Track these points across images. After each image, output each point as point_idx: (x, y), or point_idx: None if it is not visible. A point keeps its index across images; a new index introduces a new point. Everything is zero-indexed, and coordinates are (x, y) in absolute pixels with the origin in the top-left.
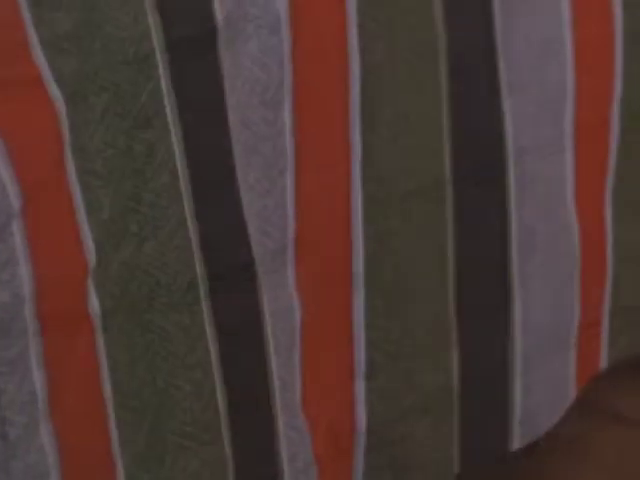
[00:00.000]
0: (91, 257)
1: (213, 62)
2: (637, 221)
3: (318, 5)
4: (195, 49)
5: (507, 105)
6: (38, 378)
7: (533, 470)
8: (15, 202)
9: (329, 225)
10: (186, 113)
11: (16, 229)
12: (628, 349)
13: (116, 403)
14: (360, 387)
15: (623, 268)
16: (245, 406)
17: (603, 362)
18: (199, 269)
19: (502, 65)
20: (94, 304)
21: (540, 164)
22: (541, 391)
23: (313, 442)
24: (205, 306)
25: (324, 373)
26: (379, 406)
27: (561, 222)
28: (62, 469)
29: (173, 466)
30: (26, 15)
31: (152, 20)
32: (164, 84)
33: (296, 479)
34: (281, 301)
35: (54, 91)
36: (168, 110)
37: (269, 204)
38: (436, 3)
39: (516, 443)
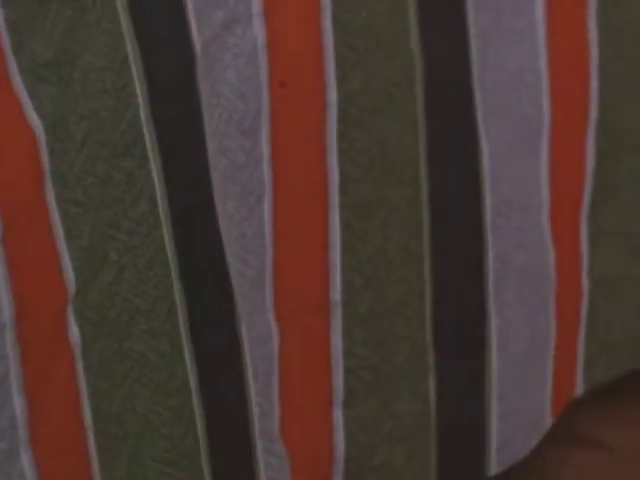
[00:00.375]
0: (71, 284)
1: (191, 91)
2: (613, 246)
3: (296, 35)
4: (173, 77)
5: (483, 134)
6: (19, 404)
7: None
8: None
9: (307, 253)
10: (165, 141)
11: None
12: (604, 375)
13: (96, 429)
14: (338, 415)
15: (599, 294)
16: (224, 432)
17: (579, 388)
18: (178, 296)
19: (478, 94)
20: (74, 331)
21: (516, 191)
22: (517, 418)
23: (292, 468)
24: (184, 333)
25: (302, 400)
26: (358, 434)
27: (536, 249)
28: None
29: None
30: (6, 43)
31: (131, 49)
32: (143, 113)
33: None
34: (259, 328)
35: (34, 119)
36: (147, 138)
37: (247, 232)
38: (413, 33)
39: (493, 469)
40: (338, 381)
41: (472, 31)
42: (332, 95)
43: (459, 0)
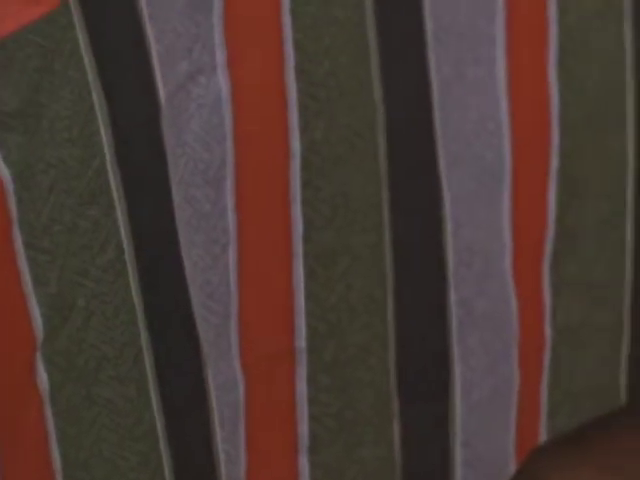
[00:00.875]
0: (39, 330)
1: (157, 140)
2: (575, 295)
3: (259, 85)
4: (139, 127)
5: (445, 181)
6: None
7: None
8: None
9: (272, 301)
10: (131, 190)
11: None
12: (567, 424)
13: (65, 474)
14: (304, 461)
15: (561, 342)
16: (191, 478)
17: (542, 436)
18: (144, 343)
19: (440, 142)
20: (43, 377)
21: (478, 238)
22: (481, 464)
23: None
24: (151, 379)
25: (268, 447)
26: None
27: (499, 296)
28: None
29: None
30: None
31: (96, 98)
32: (109, 161)
33: None
34: (225, 375)
35: (2, 168)
36: (113, 187)
37: (212, 280)
38: (375, 83)
39: None
40: (303, 428)
41: (434, 81)
42: (295, 144)
43: (420, 51)
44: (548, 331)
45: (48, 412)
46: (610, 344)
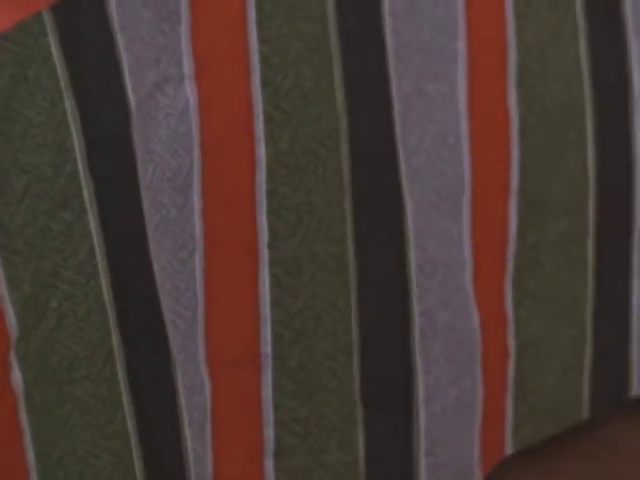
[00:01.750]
0: (13, 331)
1: (127, 146)
2: (537, 309)
3: (226, 95)
4: (110, 133)
5: (407, 193)
6: None
7: None
8: None
9: (238, 307)
10: (102, 194)
11: None
12: (533, 437)
13: (39, 472)
14: (269, 465)
15: (525, 356)
16: (162, 476)
17: (508, 448)
18: (116, 343)
19: (402, 155)
20: (17, 375)
21: (439, 250)
22: (445, 472)
23: None
24: (122, 379)
25: (234, 450)
26: None
27: (461, 308)
28: None
29: None
30: None
31: (69, 105)
32: (81, 167)
33: None
34: (193, 378)
35: None
36: (85, 192)
37: (180, 285)
38: (339, 94)
39: None
40: (269, 432)
41: (395, 95)
42: (261, 154)
43: (383, 65)
44: (511, 344)
45: (22, 410)
46: (573, 358)
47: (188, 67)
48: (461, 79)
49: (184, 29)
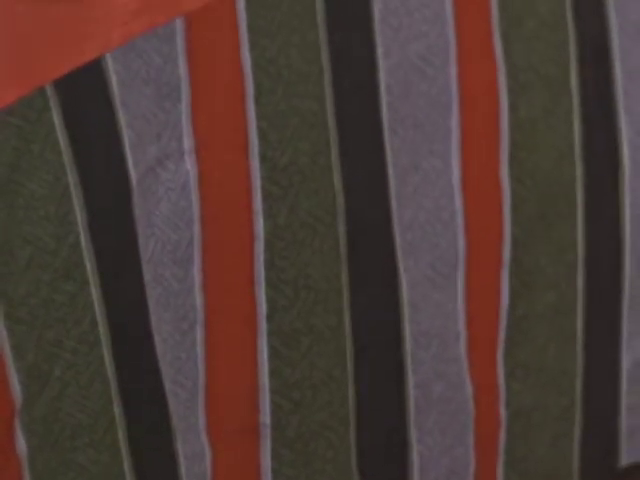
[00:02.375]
0: (18, 398)
1: (128, 220)
2: (528, 379)
3: (225, 170)
4: (111, 207)
5: (402, 266)
6: None
7: None
8: None
9: (237, 377)
10: (104, 266)
11: None
12: None
13: None
14: None
15: (516, 425)
16: None
17: None
18: (117, 411)
19: (397, 229)
20: (21, 442)
21: (434, 323)
22: None
23: None
24: (124, 447)
25: None
26: None
27: (455, 379)
28: None
29: None
30: None
31: (71, 179)
32: (83, 239)
33: None
34: (193, 447)
35: None
36: (87, 263)
37: (181, 356)
38: (336, 170)
39: None
40: None
41: (391, 171)
42: (259, 228)
43: (379, 141)
44: (503, 413)
45: (26, 477)
46: (563, 428)
47: (188, 143)
48: (455, 154)
49: (185, 106)
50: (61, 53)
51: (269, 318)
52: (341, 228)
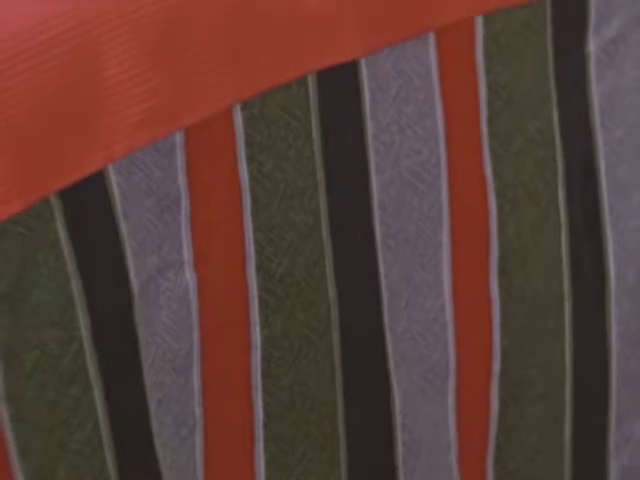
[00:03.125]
0: None
1: (130, 327)
2: None
3: (223, 280)
4: (114, 315)
5: (394, 377)
6: None
7: None
8: None
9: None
10: (106, 372)
11: None
12: None
13: None
14: None
15: None
16: None
17: None
18: (109, 456)
19: (389, 340)
20: None
21: (426, 432)
22: None
23: None
24: None
25: None
26: None
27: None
28: None
29: None
30: None
31: (75, 287)
32: (87, 345)
33: None
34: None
35: None
36: (90, 369)
37: (179, 461)
38: (330, 283)
39: None
40: None
41: (383, 284)
42: (256, 337)
43: (372, 255)
44: None
45: None
46: None
47: (187, 253)
48: (446, 268)
49: (184, 217)
50: (65, 164)
51: (266, 425)
52: (335, 339)
